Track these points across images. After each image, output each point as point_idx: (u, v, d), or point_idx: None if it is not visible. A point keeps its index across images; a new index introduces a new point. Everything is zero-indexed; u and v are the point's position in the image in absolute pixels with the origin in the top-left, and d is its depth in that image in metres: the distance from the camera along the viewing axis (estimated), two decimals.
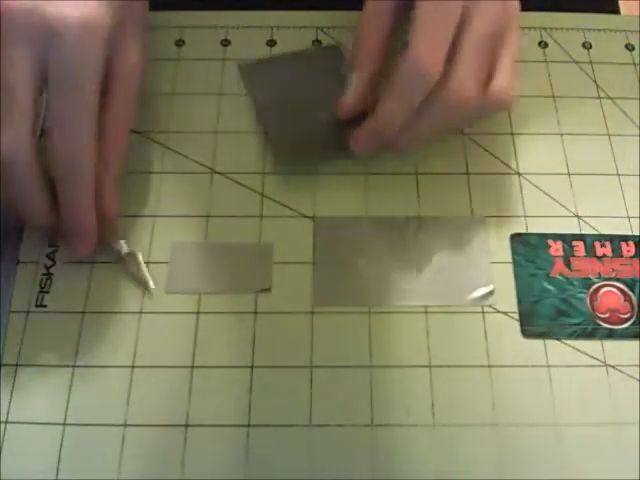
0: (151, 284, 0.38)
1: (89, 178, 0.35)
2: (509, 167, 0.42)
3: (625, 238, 0.40)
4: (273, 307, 0.38)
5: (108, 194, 0.37)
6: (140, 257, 0.38)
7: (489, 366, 0.36)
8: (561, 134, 0.43)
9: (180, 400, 0.35)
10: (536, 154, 0.43)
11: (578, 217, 0.41)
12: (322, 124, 0.42)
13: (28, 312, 0.37)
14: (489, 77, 0.36)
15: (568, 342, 0.37)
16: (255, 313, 0.38)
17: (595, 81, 0.46)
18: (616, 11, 0.58)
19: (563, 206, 0.41)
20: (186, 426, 0.35)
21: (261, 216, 0.40)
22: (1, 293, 0.38)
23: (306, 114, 0.42)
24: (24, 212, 0.36)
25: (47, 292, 0.38)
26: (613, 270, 0.39)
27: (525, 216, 0.40)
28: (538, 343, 0.37)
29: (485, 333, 0.37)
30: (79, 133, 0.33)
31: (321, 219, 0.40)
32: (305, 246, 0.39)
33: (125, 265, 0.38)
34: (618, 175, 0.42)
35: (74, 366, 0.36)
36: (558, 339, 0.37)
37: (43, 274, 0.38)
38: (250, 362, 0.36)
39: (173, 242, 0.39)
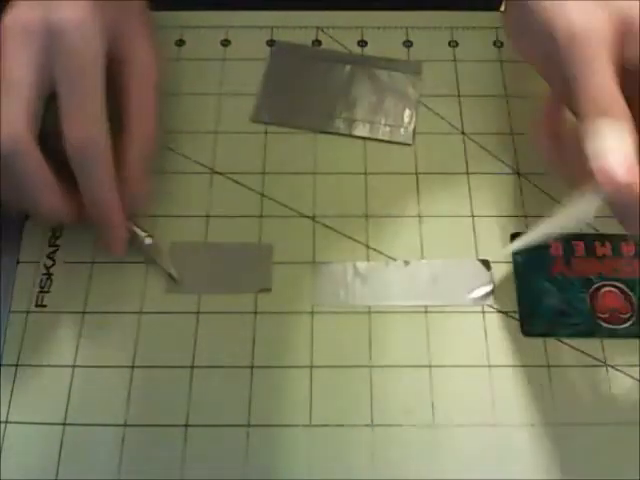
0: (174, 274, 0.38)
1: (105, 163, 0.35)
2: (509, 167, 0.42)
3: (625, 238, 0.40)
4: (273, 307, 0.38)
5: (133, 171, 0.37)
6: (163, 248, 0.39)
7: (489, 366, 0.36)
8: None
9: (180, 400, 0.35)
10: (536, 154, 0.42)
11: None
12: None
13: (28, 312, 0.37)
14: None
15: (568, 342, 0.37)
16: (255, 313, 0.38)
17: None
18: None
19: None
20: (186, 426, 0.35)
21: (261, 216, 0.40)
22: (1, 293, 0.38)
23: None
24: (34, 208, 0.36)
25: (47, 292, 0.38)
26: (613, 270, 0.39)
27: (525, 216, 0.40)
28: (538, 343, 0.37)
29: (485, 333, 0.37)
30: (89, 121, 0.34)
31: (321, 219, 0.40)
32: (305, 246, 0.39)
33: (148, 256, 0.38)
34: None
35: (74, 366, 0.36)
36: (558, 339, 0.37)
37: (43, 274, 0.38)
38: (250, 362, 0.36)
39: (173, 242, 0.39)
